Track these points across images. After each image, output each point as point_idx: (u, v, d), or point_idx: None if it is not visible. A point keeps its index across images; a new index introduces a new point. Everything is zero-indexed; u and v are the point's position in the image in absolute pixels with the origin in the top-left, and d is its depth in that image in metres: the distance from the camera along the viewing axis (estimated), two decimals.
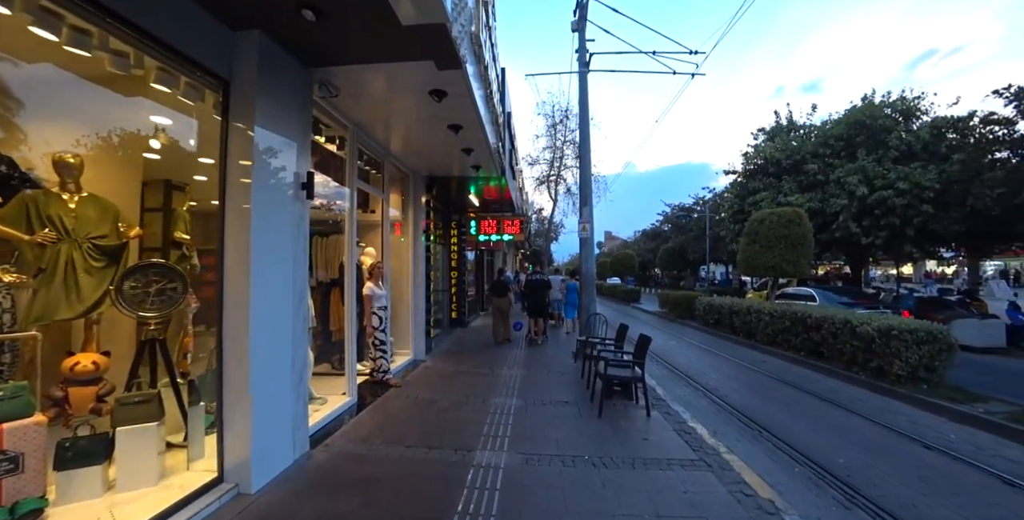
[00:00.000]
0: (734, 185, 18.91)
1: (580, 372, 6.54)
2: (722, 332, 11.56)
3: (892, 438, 4.73)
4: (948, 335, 6.24)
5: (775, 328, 9.06)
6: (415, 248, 7.39)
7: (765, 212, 10.19)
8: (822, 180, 14.66)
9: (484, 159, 6.58)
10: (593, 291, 8.09)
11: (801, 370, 7.84)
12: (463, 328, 11.37)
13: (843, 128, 14.98)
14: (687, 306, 14.62)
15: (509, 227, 11.49)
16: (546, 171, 30.17)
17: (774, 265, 9.72)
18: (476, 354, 8.15)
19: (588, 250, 8.08)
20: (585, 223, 8.04)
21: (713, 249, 27.89)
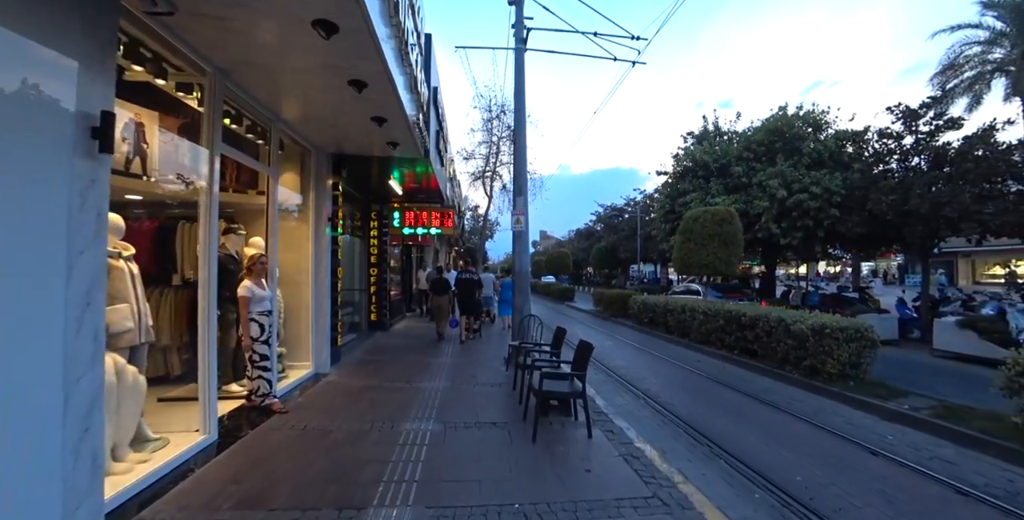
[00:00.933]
0: (665, 186, 19.32)
1: (512, 382, 5.75)
2: (656, 331, 11.42)
3: (839, 445, 4.44)
4: (872, 332, 6.27)
5: (709, 327, 8.94)
6: (318, 240, 6.16)
7: (699, 210, 10.15)
8: (746, 183, 15.23)
9: (402, 135, 5.55)
10: (527, 290, 7.36)
11: (735, 369, 7.68)
12: (384, 332, 10.17)
13: (763, 134, 15.71)
14: (621, 305, 14.49)
15: (438, 220, 10.47)
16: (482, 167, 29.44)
17: (708, 263, 9.67)
18: (395, 363, 7.06)
19: (522, 245, 7.33)
20: (519, 215, 7.28)
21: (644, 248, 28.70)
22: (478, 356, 7.84)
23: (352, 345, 8.20)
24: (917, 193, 11.12)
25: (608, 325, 14.15)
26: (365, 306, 10.11)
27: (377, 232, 10.17)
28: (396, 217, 10.39)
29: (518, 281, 7.29)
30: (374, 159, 6.85)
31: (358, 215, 10.04)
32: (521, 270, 7.28)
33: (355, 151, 6.41)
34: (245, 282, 4.36)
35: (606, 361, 8.34)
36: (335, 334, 6.55)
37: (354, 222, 9.80)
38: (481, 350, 8.49)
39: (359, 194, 9.51)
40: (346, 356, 7.28)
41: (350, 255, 9.47)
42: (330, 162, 6.43)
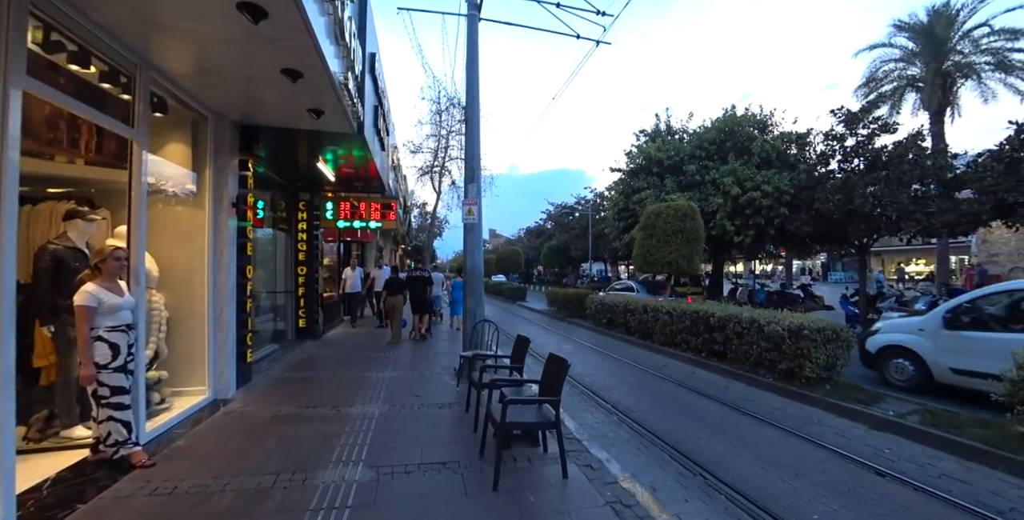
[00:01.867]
0: (618, 183, 19.08)
1: (465, 402, 4.80)
2: (616, 332, 10.89)
3: (841, 466, 3.89)
4: (848, 332, 5.96)
5: (674, 328, 8.45)
6: (218, 230, 4.85)
7: (661, 205, 9.71)
8: (699, 181, 15.20)
9: (327, 99, 4.42)
10: (480, 291, 6.41)
11: (705, 374, 7.20)
12: (315, 340, 8.82)
13: (715, 133, 15.79)
14: (577, 305, 13.92)
15: (379, 212, 9.26)
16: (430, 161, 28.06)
17: (671, 261, 9.24)
18: (323, 380, 5.86)
19: (474, 240, 6.38)
20: (471, 205, 6.32)
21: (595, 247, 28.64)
22: (425, 367, 6.80)
23: (272, 359, 6.86)
24: (860, 193, 11.41)
25: (564, 326, 13.52)
26: (291, 311, 8.72)
27: (306, 225, 8.80)
28: (329, 208, 9.06)
29: (470, 281, 6.34)
30: (298, 135, 5.61)
31: (283, 204, 8.64)
32: (473, 268, 6.33)
33: (270, 121, 5.16)
34: (87, 286, 3.08)
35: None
36: (244, 348, 5.26)
37: (277, 212, 8.40)
38: (428, 358, 7.44)
39: (283, 179, 8.13)
40: (260, 374, 5.97)
41: (270, 251, 8.08)
42: (236, 134, 5.13)
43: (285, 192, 8.57)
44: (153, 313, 4.15)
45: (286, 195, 8.65)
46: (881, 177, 11.52)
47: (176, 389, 4.54)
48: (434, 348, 8.59)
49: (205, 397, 4.66)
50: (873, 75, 23.01)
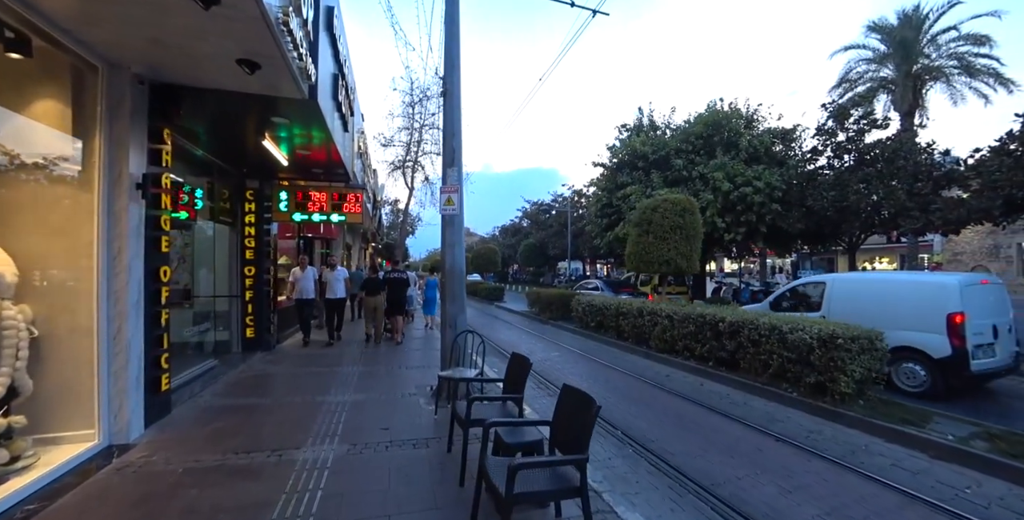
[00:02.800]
0: (601, 178, 18.34)
1: (447, 440, 3.77)
2: (605, 336, 10.05)
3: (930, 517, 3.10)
4: (882, 341, 5.26)
5: (675, 334, 7.65)
6: (114, 219, 3.64)
7: (658, 199, 8.92)
8: (686, 176, 14.60)
9: (260, 45, 3.30)
10: (461, 294, 5.37)
11: (715, 386, 6.40)
12: (267, 352, 7.56)
13: (702, 127, 15.23)
14: (561, 306, 13.04)
15: (343, 204, 8.05)
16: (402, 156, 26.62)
17: (669, 259, 8.45)
18: (266, 409, 4.69)
19: (454, 234, 5.34)
20: (451, 192, 5.27)
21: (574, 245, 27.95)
22: (395, 384, 5.71)
23: (208, 379, 5.62)
24: (854, 189, 11.00)
25: (548, 330, 12.61)
26: (237, 319, 7.44)
27: (255, 217, 7.52)
28: (283, 198, 7.81)
29: (449, 282, 5.29)
30: (234, 101, 4.43)
31: (225, 193, 7.35)
32: (453, 267, 5.29)
33: (192, 78, 3.97)
34: None
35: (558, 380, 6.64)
36: (156, 373, 4.05)
37: (219, 202, 7.11)
38: (399, 372, 6.35)
39: (224, 162, 6.85)
40: (185, 403, 4.75)
41: (208, 248, 6.80)
42: (144, 94, 3.91)
43: (229, 179, 7.27)
44: (4, 333, 2.94)
45: (230, 182, 7.35)
46: (873, 173, 11.18)
47: (49, 435, 3.32)
48: (406, 358, 7.50)
49: (94, 444, 3.45)
50: (846, 76, 23.22)
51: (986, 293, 5.83)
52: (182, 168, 6.18)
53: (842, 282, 6.82)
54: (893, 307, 5.90)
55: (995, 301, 5.92)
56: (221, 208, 7.23)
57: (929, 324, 5.52)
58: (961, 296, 5.45)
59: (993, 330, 5.58)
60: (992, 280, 6.20)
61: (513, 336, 11.52)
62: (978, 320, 5.47)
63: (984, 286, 5.86)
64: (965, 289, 5.54)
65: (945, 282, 5.66)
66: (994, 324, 5.62)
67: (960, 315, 5.37)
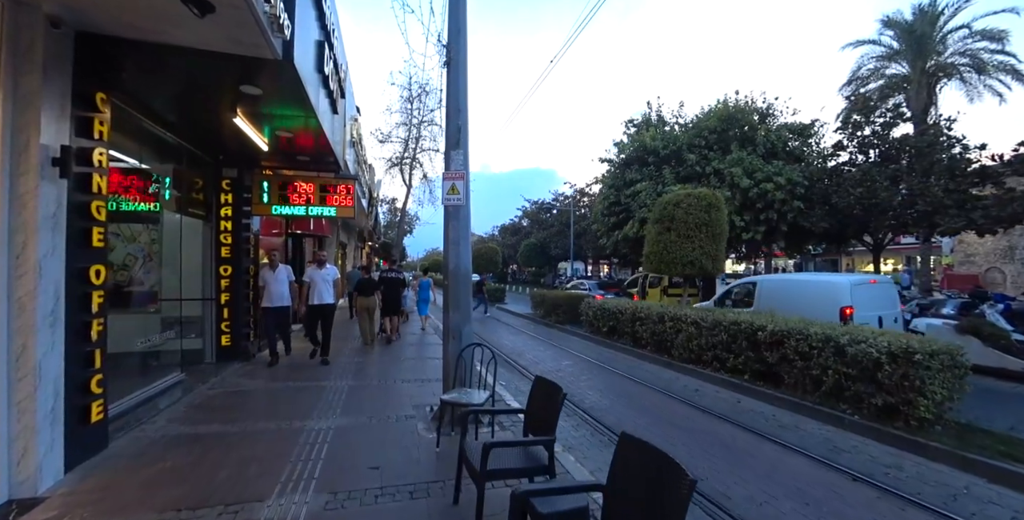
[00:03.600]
0: (608, 176, 17.54)
1: (454, 489, 2.94)
2: (620, 343, 9.24)
3: None
4: (963, 355, 4.47)
5: (702, 343, 6.85)
6: (16, 206, 2.80)
7: (680, 193, 8.11)
8: (700, 172, 13.82)
9: None
10: (467, 300, 4.55)
11: (757, 405, 5.59)
12: (246, 362, 6.72)
13: (716, 121, 14.46)
14: (569, 309, 12.23)
15: (333, 196, 7.21)
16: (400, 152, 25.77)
17: (694, 259, 7.64)
18: (230, 438, 3.85)
19: (459, 228, 4.51)
20: (456, 179, 4.45)
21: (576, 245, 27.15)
22: (387, 403, 4.88)
23: (172, 397, 4.78)
24: (883, 186, 10.25)
25: (555, 335, 11.79)
26: (211, 325, 6.60)
27: (232, 210, 6.68)
28: (265, 189, 6.96)
29: (452, 285, 4.46)
30: (190, 59, 3.60)
31: (198, 183, 6.52)
32: (458, 268, 4.47)
33: (123, 25, 3.13)
34: None
35: (577, 395, 5.83)
36: (84, 401, 3.20)
37: (190, 193, 6.28)
38: (393, 386, 5.52)
39: (195, 147, 6.02)
40: (132, 431, 3.90)
41: (178, 245, 5.98)
42: (68, 45, 3.07)
43: (202, 166, 6.43)
44: None
45: (204, 170, 6.51)
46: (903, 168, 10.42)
47: None
48: (402, 368, 6.67)
49: None
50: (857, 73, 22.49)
51: (873, 290, 6.94)
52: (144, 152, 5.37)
53: (767, 283, 8.15)
54: (803, 302, 6.93)
55: (882, 297, 7.01)
56: (193, 199, 6.39)
57: (828, 315, 6.38)
58: (850, 293, 6.64)
59: (879, 321, 6.59)
60: (881, 280, 7.44)
61: (519, 342, 10.71)
62: (864, 312, 6.54)
63: (872, 285, 6.98)
64: (854, 287, 6.74)
65: (839, 281, 6.93)
66: (880, 316, 6.69)
67: (849, 308, 6.54)
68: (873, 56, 21.80)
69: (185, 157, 5.99)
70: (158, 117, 5.03)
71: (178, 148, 5.83)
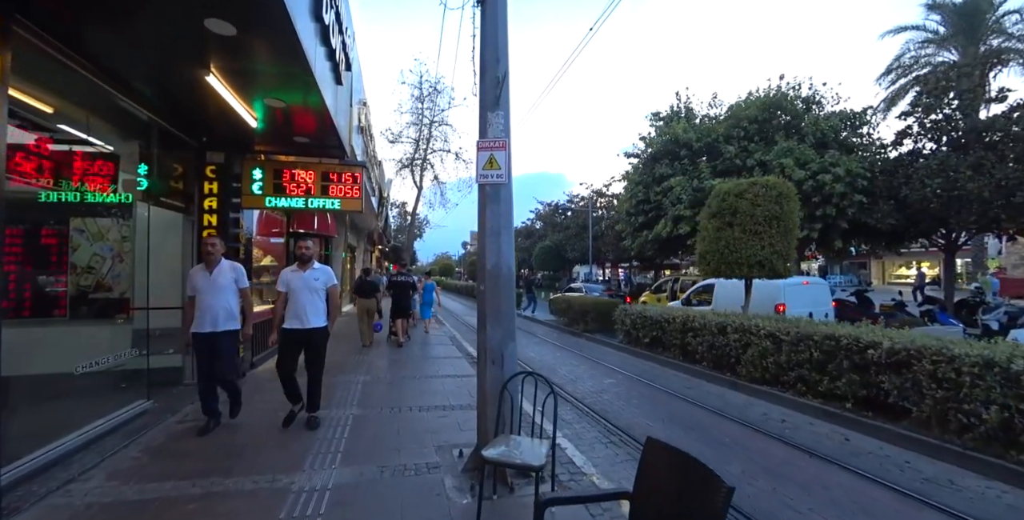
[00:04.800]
0: (634, 172, 16.33)
1: None
2: (666, 357, 8.02)
3: None
4: None
5: (782, 360, 5.62)
6: None
7: (744, 182, 6.89)
8: (740, 165, 12.56)
9: None
10: (510, 311, 3.40)
11: (873, 443, 4.33)
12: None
13: (757, 110, 13.20)
14: (599, 316, 11.03)
15: (337, 185, 6.14)
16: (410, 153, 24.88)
17: (762, 260, 6.41)
18: (187, 512, 2.74)
19: (502, 213, 3.37)
20: (494, 149, 3.33)
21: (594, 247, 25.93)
22: (403, 445, 3.75)
23: (128, 433, 3.71)
24: (968, 175, 8.91)
25: (586, 346, 10.58)
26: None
27: (218, 202, 5.64)
28: (257, 177, 5.92)
29: (491, 290, 3.30)
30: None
31: (178, 169, 5.51)
32: (499, 267, 3.32)
33: None
34: None
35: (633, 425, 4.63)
36: None
37: (166, 181, 5.28)
38: (409, 419, 4.38)
39: (171, 124, 5.00)
40: (44, 502, 2.80)
41: (140, 242, 4.95)
42: None
43: (180, 148, 5.41)
44: None
45: (183, 155, 5.49)
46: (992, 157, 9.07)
47: None
48: (414, 388, 5.55)
49: None
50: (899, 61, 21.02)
51: (806, 290, 8.29)
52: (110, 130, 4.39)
53: (722, 285, 9.08)
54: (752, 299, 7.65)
55: (814, 296, 8.37)
56: (171, 189, 5.37)
57: (767, 310, 7.64)
58: (784, 292, 7.97)
59: (809, 314, 7.20)
60: (814, 282, 8.93)
61: (546, 354, 9.53)
62: (796, 308, 7.68)
63: (805, 286, 8.34)
64: (787, 287, 8.00)
65: (775, 282, 7.67)
66: (811, 311, 7.59)
67: (782, 305, 7.85)
68: (918, 42, 20.39)
69: (160, 137, 4.97)
70: (118, 80, 4.01)
71: (150, 126, 4.82)
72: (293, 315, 4.09)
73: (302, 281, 4.11)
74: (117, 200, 4.89)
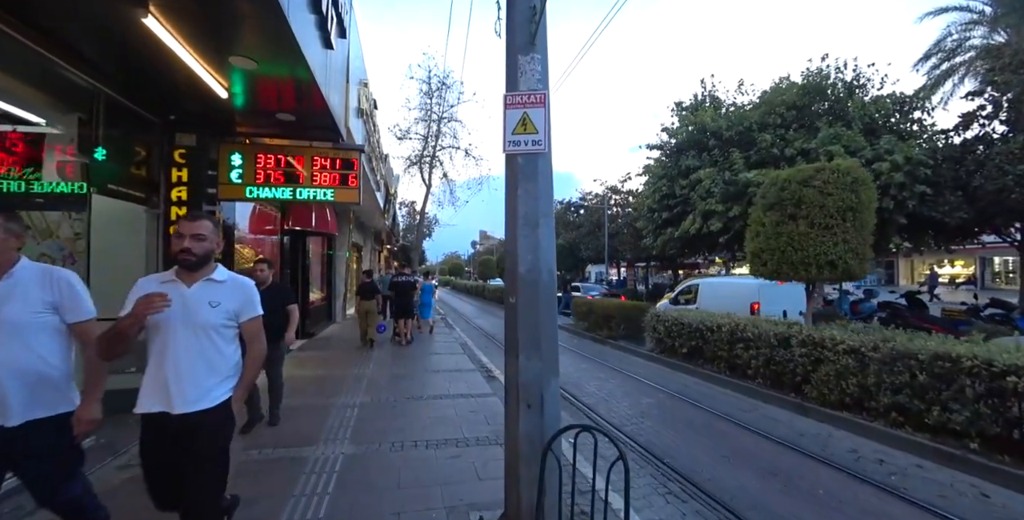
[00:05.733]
0: (657, 164, 15.26)
1: None
2: (707, 370, 7.01)
3: None
4: None
5: (869, 382, 4.57)
6: None
7: (808, 168, 5.80)
8: (777, 155, 11.45)
9: None
10: (554, 332, 2.43)
11: (1019, 502, 3.31)
12: None
13: (796, 96, 12.06)
14: (626, 322, 10.01)
15: (331, 174, 5.21)
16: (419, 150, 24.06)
17: (834, 259, 5.33)
18: None
19: (540, 194, 2.39)
20: (528, 106, 2.36)
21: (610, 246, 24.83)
22: (406, 505, 2.81)
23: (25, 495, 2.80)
24: None
25: (610, 354, 9.57)
26: None
27: (189, 192, 4.74)
28: (236, 163, 5.02)
29: (525, 301, 2.35)
30: None
31: (139, 152, 4.66)
32: (537, 270, 2.34)
33: None
34: None
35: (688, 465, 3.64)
36: None
37: (124, 166, 4.42)
38: (409, 459, 3.45)
39: (125, 96, 4.13)
40: None
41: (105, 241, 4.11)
42: None
43: (142, 130, 4.54)
44: None
45: (145, 135, 4.61)
46: None
47: None
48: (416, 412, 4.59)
49: None
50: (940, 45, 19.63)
51: (780, 290, 8.13)
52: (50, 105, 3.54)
53: (706, 284, 9.98)
54: (729, 299, 8.51)
55: (787, 295, 8.20)
56: (130, 176, 4.49)
57: (743, 309, 8.09)
58: (759, 292, 8.43)
59: (783, 313, 7.73)
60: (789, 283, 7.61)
61: (570, 365, 8.52)
62: (770, 307, 8.17)
63: (779, 286, 7.79)
64: (762, 288, 8.27)
65: (751, 283, 8.34)
66: (784, 310, 7.94)
67: (756, 303, 8.42)
68: (962, 23, 18.98)
69: (109, 111, 4.08)
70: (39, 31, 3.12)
71: (94, 96, 3.94)
72: (153, 382, 1.89)
73: (182, 306, 1.86)
74: (70, 190, 4.05)
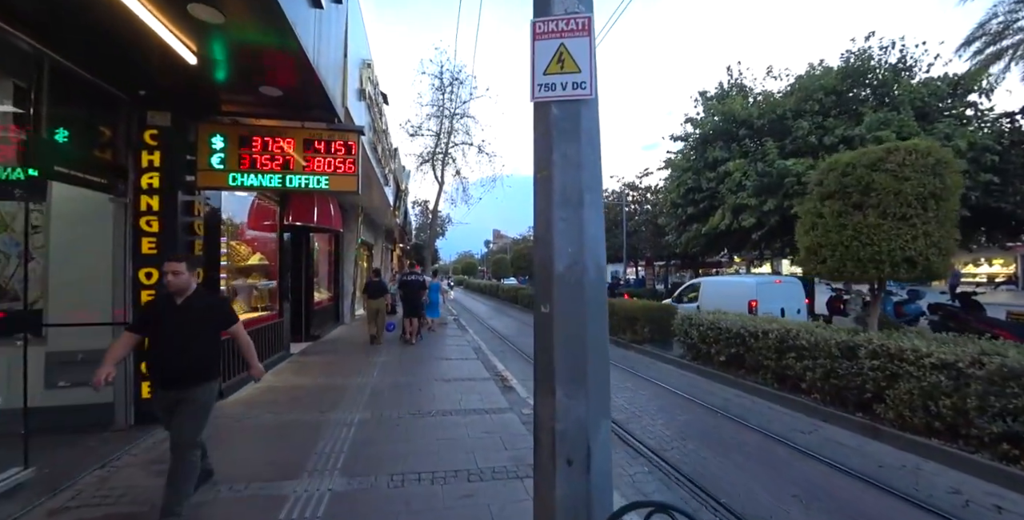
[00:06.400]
0: (682, 157, 14.38)
1: None
2: (750, 381, 6.21)
3: None
4: None
5: (965, 405, 3.76)
6: None
7: (877, 149, 4.90)
8: (815, 143, 10.52)
9: None
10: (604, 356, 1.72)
11: None
12: None
13: (835, 80, 11.10)
14: (653, 324, 9.23)
15: (324, 158, 4.58)
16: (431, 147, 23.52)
17: (911, 256, 4.47)
18: None
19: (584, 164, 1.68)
20: (565, 34, 1.66)
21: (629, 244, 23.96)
22: None
23: None
24: None
25: (636, 361, 8.79)
26: (126, 365, 4.06)
27: (161, 179, 4.14)
28: (218, 147, 4.41)
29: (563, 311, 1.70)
30: None
31: (104, 133, 4.07)
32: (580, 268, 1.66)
33: None
34: None
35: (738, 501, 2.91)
36: None
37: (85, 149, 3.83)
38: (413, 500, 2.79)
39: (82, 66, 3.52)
40: None
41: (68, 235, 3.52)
42: None
43: (106, 106, 3.95)
44: None
45: (110, 113, 4.02)
46: None
47: None
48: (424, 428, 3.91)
49: None
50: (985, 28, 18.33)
51: (778, 288, 8.87)
52: None
53: (708, 283, 10.24)
54: (728, 297, 8.75)
55: (785, 293, 8.86)
56: (93, 160, 3.90)
57: (742, 307, 8.27)
58: (756, 290, 8.60)
59: (781, 311, 8.31)
60: (787, 281, 9.36)
61: None
62: (767, 305, 8.38)
63: (777, 285, 8.94)
64: (760, 285, 8.75)
65: (748, 281, 9.09)
66: (782, 307, 8.45)
67: (754, 301, 8.46)
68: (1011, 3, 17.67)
69: (57, 81, 3.49)
70: None
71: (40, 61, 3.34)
72: None
73: None
74: (24, 177, 3.49)
